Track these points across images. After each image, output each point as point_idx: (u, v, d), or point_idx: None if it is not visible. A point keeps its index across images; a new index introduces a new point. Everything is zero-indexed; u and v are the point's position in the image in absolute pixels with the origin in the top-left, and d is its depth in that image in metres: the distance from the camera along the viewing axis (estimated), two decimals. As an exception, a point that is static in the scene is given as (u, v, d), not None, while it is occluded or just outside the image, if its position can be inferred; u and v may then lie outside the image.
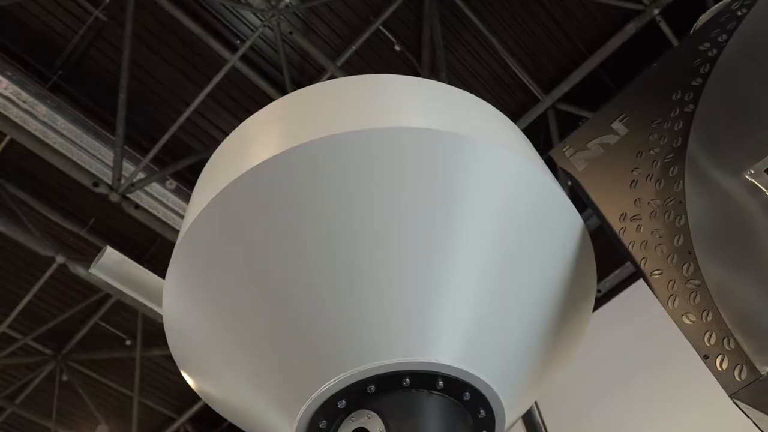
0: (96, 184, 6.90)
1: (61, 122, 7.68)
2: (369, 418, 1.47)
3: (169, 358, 8.31)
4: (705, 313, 1.39)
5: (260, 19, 7.59)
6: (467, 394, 1.54)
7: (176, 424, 10.29)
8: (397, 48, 8.13)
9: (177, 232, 7.60)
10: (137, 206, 7.11)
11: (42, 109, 7.60)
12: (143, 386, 9.60)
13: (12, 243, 8.89)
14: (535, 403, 2.32)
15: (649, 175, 1.73)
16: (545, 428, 2.26)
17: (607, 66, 8.04)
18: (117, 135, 7.05)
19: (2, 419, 9.96)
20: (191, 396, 10.34)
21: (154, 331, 9.78)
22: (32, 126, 7.46)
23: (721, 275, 1.43)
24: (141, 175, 7.66)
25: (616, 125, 1.94)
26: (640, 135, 1.86)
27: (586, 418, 6.57)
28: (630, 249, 1.62)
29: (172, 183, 8.17)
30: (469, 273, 1.57)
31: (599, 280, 8.33)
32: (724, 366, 1.31)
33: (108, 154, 7.75)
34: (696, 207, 1.57)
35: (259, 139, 1.78)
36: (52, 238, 8.06)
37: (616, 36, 7.67)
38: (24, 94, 7.51)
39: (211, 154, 6.89)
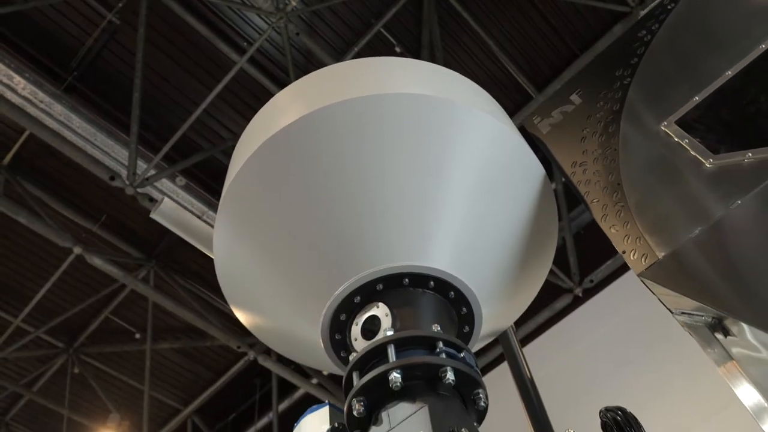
0: (112, 178, 7.44)
1: (77, 121, 8.21)
2: (378, 307, 2.00)
3: (178, 351, 8.94)
4: (625, 224, 1.94)
5: (267, 23, 8.16)
6: (452, 293, 2.07)
7: (183, 415, 10.81)
8: (398, 49, 8.68)
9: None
10: (151, 199, 7.64)
11: (58, 109, 8.13)
12: (151, 379, 10.12)
13: (26, 239, 9.46)
14: (513, 332, 2.85)
15: (594, 132, 2.28)
16: (523, 356, 2.79)
17: (599, 66, 8.59)
18: (131, 132, 7.59)
19: (20, 406, 10.50)
20: (198, 388, 10.88)
21: (162, 326, 10.34)
22: (49, 125, 8.01)
23: (638, 197, 1.98)
24: (152, 172, 8.19)
25: (573, 97, 2.49)
26: (590, 103, 2.40)
27: (584, 397, 7.10)
28: (578, 186, 2.16)
29: (182, 180, 8.70)
30: (456, 202, 2.11)
31: (591, 271, 8.86)
32: (635, 257, 1.85)
33: (121, 152, 8.28)
34: (625, 152, 2.12)
35: (287, 107, 2.33)
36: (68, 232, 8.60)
37: (604, 37, 8.23)
38: (41, 94, 8.04)
39: (219, 153, 7.59)
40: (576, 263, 8.95)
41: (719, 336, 1.79)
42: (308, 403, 10.73)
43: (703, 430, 6.77)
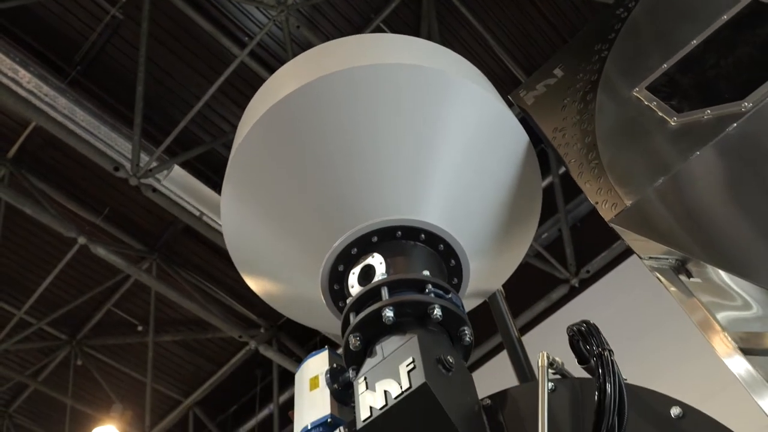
0: (116, 169, 7.64)
1: (81, 114, 8.40)
2: (373, 257, 2.19)
3: (179, 343, 9.15)
4: (599, 178, 2.14)
5: (268, 17, 8.37)
6: (441, 246, 2.26)
7: (185, 407, 10.99)
8: (397, 44, 8.87)
9: (189, 215, 8.33)
10: (154, 190, 7.84)
11: (62, 102, 8.33)
12: (153, 371, 10.31)
13: (29, 231, 9.66)
14: (502, 295, 3.05)
15: (573, 101, 2.48)
16: (511, 317, 2.99)
17: (595, 60, 8.80)
18: (135, 124, 7.79)
19: (23, 398, 10.70)
20: (199, 381, 11.07)
21: (164, 318, 10.53)
22: (54, 117, 8.21)
23: (611, 155, 2.18)
24: (154, 164, 8.39)
25: (556, 71, 2.69)
26: (571, 76, 2.61)
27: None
28: (557, 148, 2.36)
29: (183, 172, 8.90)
30: (446, 163, 2.31)
31: (587, 262, 9.04)
32: (606, 206, 2.05)
33: (124, 145, 8.47)
34: (601, 117, 2.32)
35: (288, 78, 2.53)
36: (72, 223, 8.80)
37: (600, 31, 8.42)
38: (45, 88, 8.24)
39: (220, 146, 7.79)
40: (572, 254, 9.14)
41: (683, 278, 1.99)
42: (308, 395, 10.92)
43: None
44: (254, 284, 2.80)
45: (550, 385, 1.75)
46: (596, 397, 1.34)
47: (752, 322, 1.83)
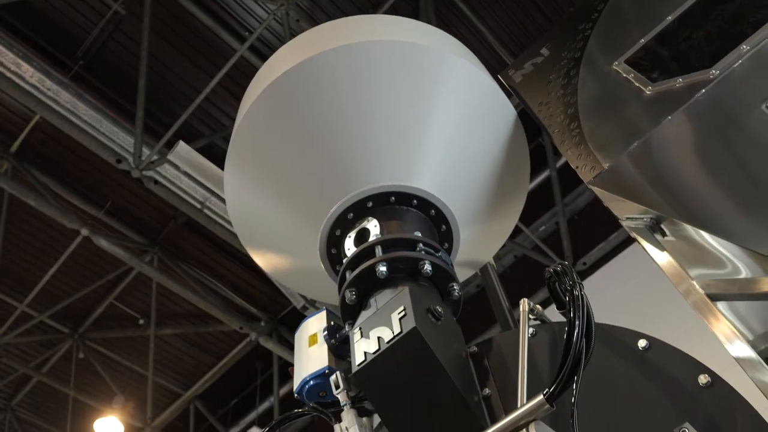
0: (119, 161, 7.79)
1: (83, 109, 8.55)
2: (368, 221, 2.35)
3: (180, 337, 9.31)
4: (579, 145, 2.29)
5: (268, 12, 8.53)
6: (432, 211, 2.41)
7: (186, 400, 11.14)
8: (395, 38, 9.03)
9: (190, 207, 8.47)
10: (156, 182, 7.99)
11: (65, 96, 8.47)
12: (154, 365, 10.46)
13: (32, 225, 9.82)
14: (493, 268, 3.20)
15: (558, 77, 2.64)
16: (502, 289, 3.14)
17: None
18: (137, 117, 7.94)
19: (26, 391, 10.86)
20: (200, 374, 11.22)
21: (166, 311, 10.69)
22: (57, 111, 8.36)
23: (591, 125, 2.33)
24: (155, 157, 8.54)
25: (543, 50, 2.85)
26: (556, 54, 2.76)
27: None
28: (542, 120, 2.51)
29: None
30: (438, 134, 2.46)
31: (584, 254, 9.18)
32: (585, 170, 2.20)
33: (126, 139, 8.61)
34: (583, 90, 2.47)
35: (287, 57, 2.68)
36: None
37: (596, 24, 8.58)
38: (48, 82, 8.38)
39: (220, 139, 7.92)
40: (569, 247, 9.29)
41: (658, 236, 2.15)
42: (308, 388, 11.06)
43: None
44: (260, 259, 2.94)
45: (531, 330, 1.90)
46: (566, 330, 1.48)
47: (719, 272, 1.98)
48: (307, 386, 2.20)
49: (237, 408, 11.46)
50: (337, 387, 1.98)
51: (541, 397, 1.43)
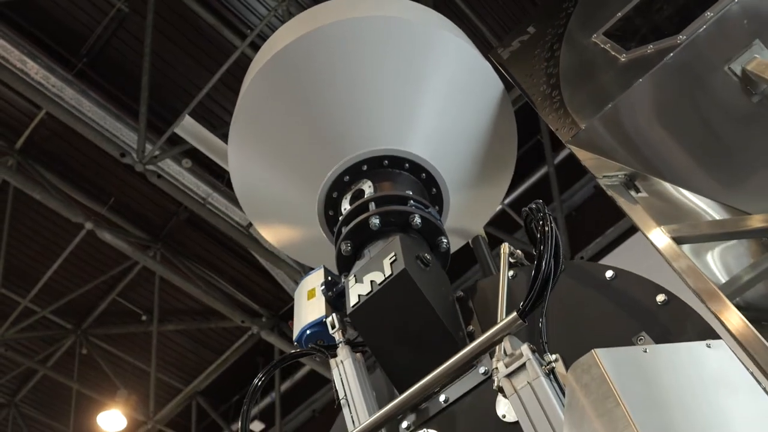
0: (123, 155, 7.98)
1: (87, 105, 8.74)
2: (363, 182, 2.53)
3: (182, 333, 9.48)
4: (559, 110, 2.48)
5: (268, 9, 8.73)
6: (423, 175, 2.59)
7: (188, 397, 11.31)
8: (394, 36, 9.22)
9: (193, 201, 8.66)
10: (159, 176, 8.18)
11: (69, 93, 8.66)
12: (157, 361, 10.63)
13: (36, 222, 10.01)
14: (485, 240, 3.37)
15: (542, 51, 2.82)
16: (492, 260, 3.32)
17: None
18: (140, 112, 8.14)
19: (29, 387, 11.04)
20: (202, 371, 11.39)
21: (168, 308, 10.87)
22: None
23: (570, 91, 2.52)
24: (157, 152, 8.72)
25: (529, 29, 3.04)
26: (541, 31, 2.95)
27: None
28: (527, 89, 2.70)
29: (188, 162, 9.24)
30: (429, 103, 2.64)
31: (581, 249, 9.33)
32: (564, 131, 2.38)
33: (129, 135, 8.81)
34: (564, 62, 2.66)
35: (287, 34, 2.87)
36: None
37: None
38: (53, 79, 8.58)
39: (221, 135, 8.06)
40: (567, 242, 9.46)
41: (632, 192, 2.33)
42: (309, 383, 11.22)
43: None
44: (266, 232, 3.13)
45: (511, 272, 2.07)
46: (536, 255, 1.65)
47: (683, 218, 2.17)
48: (305, 334, 2.38)
49: (239, 404, 11.62)
50: (333, 327, 2.15)
51: (515, 314, 1.61)
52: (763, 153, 2.15)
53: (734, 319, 1.84)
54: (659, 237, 2.13)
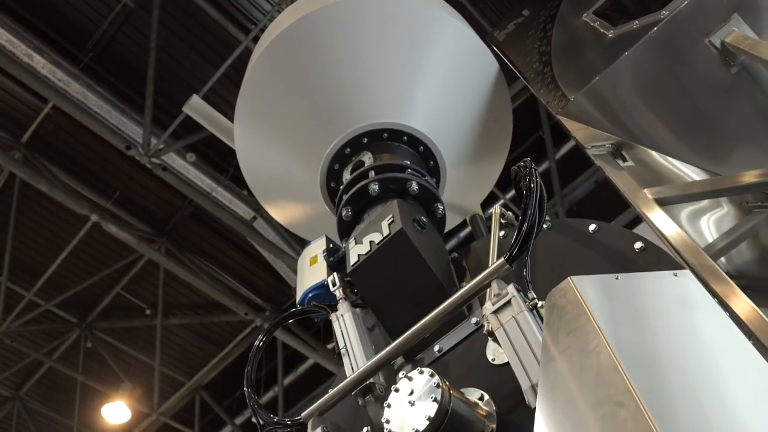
0: (128, 147, 8.13)
1: (93, 99, 8.89)
2: (363, 154, 2.67)
3: (186, 328, 9.63)
4: (550, 84, 2.62)
5: (272, 4, 8.88)
6: (421, 147, 2.73)
7: (192, 391, 11.46)
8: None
9: (198, 193, 8.80)
10: (165, 168, 8.33)
11: (75, 87, 8.81)
12: (161, 355, 10.77)
13: (41, 216, 10.17)
14: (481, 219, 3.50)
15: (536, 31, 2.96)
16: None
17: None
18: (146, 106, 8.29)
19: (34, 381, 11.20)
20: (205, 364, 11.53)
21: (172, 302, 11.02)
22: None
23: (561, 67, 2.66)
24: (161, 146, 8.85)
25: (524, 12, 3.19)
26: (536, 14, 3.09)
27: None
28: (521, 68, 2.84)
29: (192, 156, 9.39)
30: (428, 79, 2.79)
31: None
32: (554, 103, 2.52)
33: (134, 129, 8.96)
34: (556, 41, 2.80)
35: (289, 14, 3.01)
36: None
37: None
38: (59, 73, 8.73)
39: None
40: (568, 235, 9.58)
41: (618, 161, 2.46)
42: (312, 377, 11.34)
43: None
44: (272, 209, 3.27)
45: (502, 232, 2.21)
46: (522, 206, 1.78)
47: (664, 182, 2.30)
48: (308, 297, 2.52)
49: (242, 398, 11.76)
50: (334, 285, 2.29)
51: (502, 259, 1.75)
52: (742, 121, 2.29)
53: (716, 273, 1.97)
54: (643, 200, 2.26)
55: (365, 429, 2.02)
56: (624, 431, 1.06)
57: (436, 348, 2.08)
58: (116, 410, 10.57)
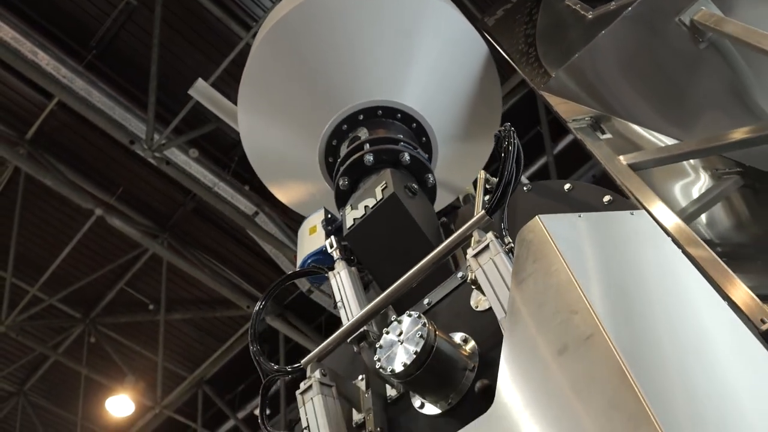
0: (132, 142, 8.34)
1: (97, 96, 9.09)
2: (360, 129, 2.87)
3: (189, 323, 9.83)
4: (534, 63, 2.82)
5: (273, 2, 9.08)
6: (414, 124, 2.94)
7: (195, 385, 11.65)
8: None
9: (201, 187, 9.00)
10: (168, 162, 8.53)
11: (79, 83, 9.00)
12: (164, 350, 10.97)
13: (45, 211, 10.38)
14: (471, 197, 3.69)
15: (522, 16, 3.17)
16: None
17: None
18: (149, 102, 8.49)
19: (38, 376, 11.40)
20: (207, 359, 11.73)
21: (175, 297, 11.22)
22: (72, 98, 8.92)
23: (545, 48, 2.86)
24: (164, 141, 9.05)
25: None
26: (522, 0, 3.30)
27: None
28: (508, 49, 3.04)
29: (194, 152, 9.59)
30: (421, 62, 2.99)
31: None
32: (538, 80, 2.72)
33: (137, 126, 9.15)
34: (540, 24, 3.01)
35: (288, 3, 3.21)
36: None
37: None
38: (63, 70, 8.93)
39: (227, 125, 8.37)
40: (567, 229, 9.76)
41: (598, 134, 2.66)
42: (314, 371, 11.50)
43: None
44: (276, 190, 3.46)
45: (486, 197, 2.40)
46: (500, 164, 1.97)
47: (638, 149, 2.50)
48: (308, 262, 2.71)
49: (244, 393, 11.96)
50: (332, 246, 2.48)
51: (483, 211, 1.94)
52: (710, 93, 2.49)
53: (686, 233, 2.16)
54: (618, 167, 2.45)
55: (360, 376, 2.21)
56: (577, 332, 1.25)
57: (426, 301, 2.27)
58: (120, 403, 10.77)
